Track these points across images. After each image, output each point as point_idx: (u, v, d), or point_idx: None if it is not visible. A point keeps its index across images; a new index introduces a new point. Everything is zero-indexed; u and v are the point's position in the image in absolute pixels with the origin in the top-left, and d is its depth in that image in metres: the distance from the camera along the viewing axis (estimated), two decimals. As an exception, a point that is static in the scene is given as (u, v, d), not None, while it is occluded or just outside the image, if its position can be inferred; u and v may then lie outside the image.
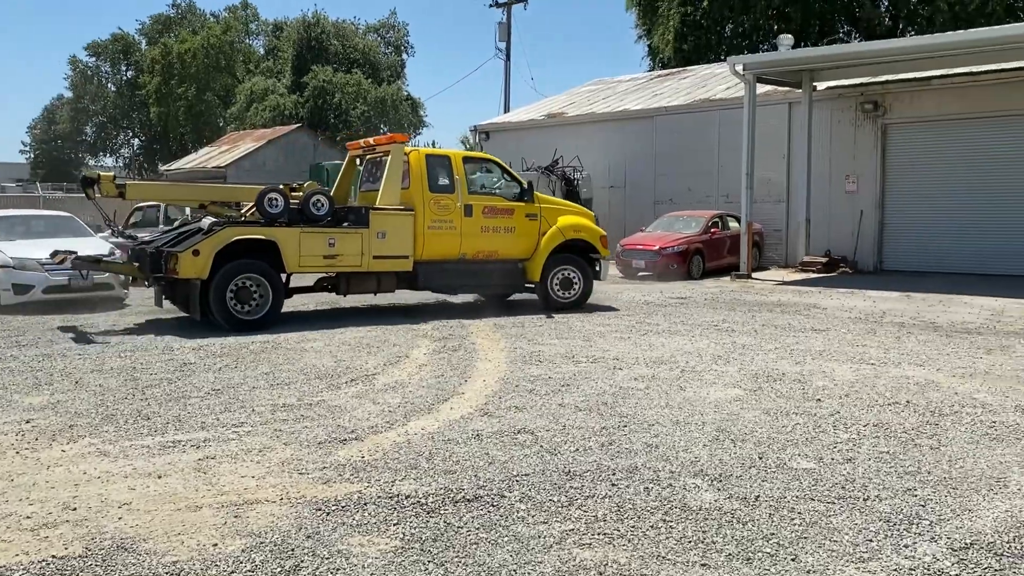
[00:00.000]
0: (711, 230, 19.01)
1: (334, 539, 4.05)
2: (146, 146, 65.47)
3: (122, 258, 12.40)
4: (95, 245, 13.18)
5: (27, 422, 6.14)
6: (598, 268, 12.96)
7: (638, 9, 38.04)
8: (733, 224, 19.43)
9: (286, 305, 11.46)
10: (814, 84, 19.82)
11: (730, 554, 3.87)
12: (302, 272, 11.32)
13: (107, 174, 11.64)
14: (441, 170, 12.11)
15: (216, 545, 3.97)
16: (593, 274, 12.90)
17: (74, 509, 4.42)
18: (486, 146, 25.93)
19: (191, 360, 8.54)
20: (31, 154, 70.80)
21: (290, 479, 4.89)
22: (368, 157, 12.97)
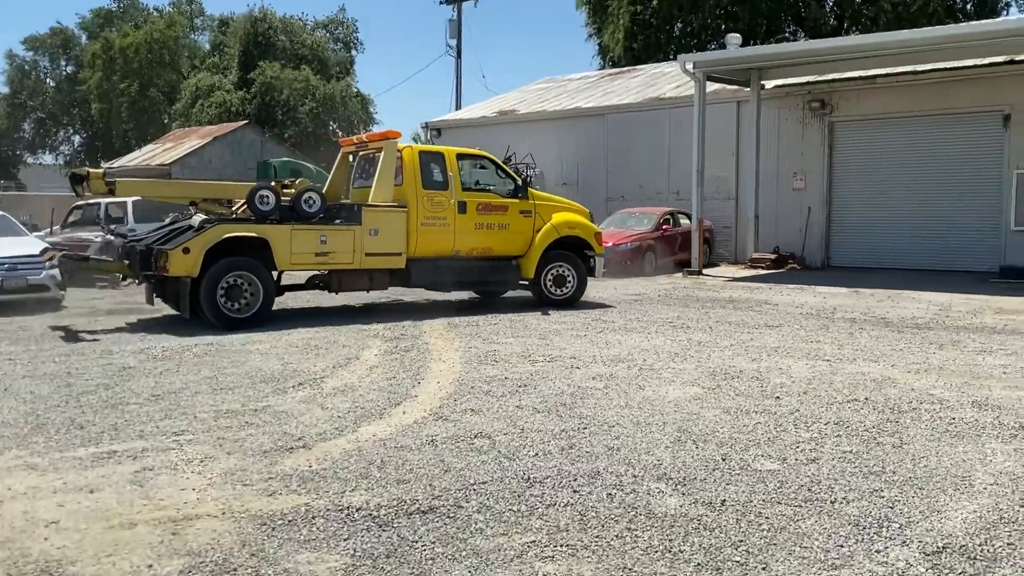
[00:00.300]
0: (663, 227, 19.02)
1: (280, 556, 3.79)
2: (88, 143, 63.57)
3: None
4: (28, 244, 12.64)
5: (-51, 434, 5.74)
6: (592, 265, 12.90)
7: (588, 8, 38.05)
8: (684, 221, 19.46)
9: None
10: (762, 83, 19.97)
11: (699, 564, 3.71)
12: (293, 270, 11.28)
13: (96, 171, 11.32)
14: (435, 166, 11.95)
15: (151, 566, 3.69)
16: (588, 271, 12.85)
17: (-4, 529, 4.09)
18: (437, 143, 25.62)
19: (130, 364, 8.15)
20: (-35, 151, 68.32)
21: (233, 491, 4.62)
22: (361, 154, 12.70)
